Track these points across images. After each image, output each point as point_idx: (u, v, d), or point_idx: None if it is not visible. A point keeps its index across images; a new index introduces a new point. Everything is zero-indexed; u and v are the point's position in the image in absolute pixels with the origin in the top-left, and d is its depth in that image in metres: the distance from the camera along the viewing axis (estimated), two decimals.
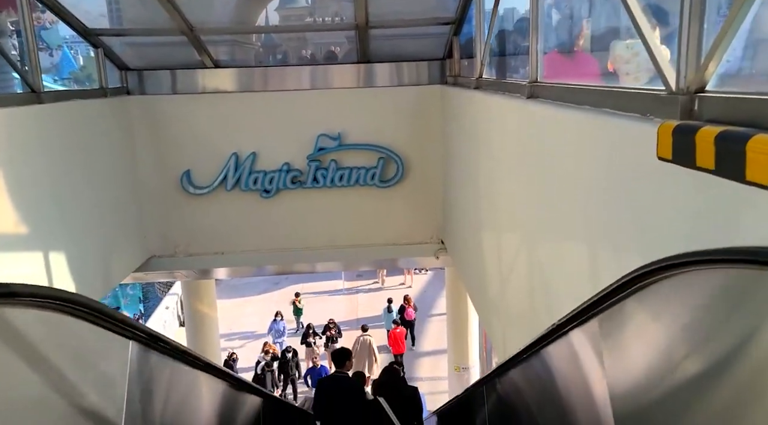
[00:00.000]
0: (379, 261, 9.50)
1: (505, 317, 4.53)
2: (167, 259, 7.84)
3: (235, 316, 18.86)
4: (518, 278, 4.03)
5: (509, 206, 4.13)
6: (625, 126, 2.54)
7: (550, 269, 3.30)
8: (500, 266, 4.54)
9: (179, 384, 2.82)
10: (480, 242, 5.29)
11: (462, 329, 11.77)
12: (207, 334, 11.83)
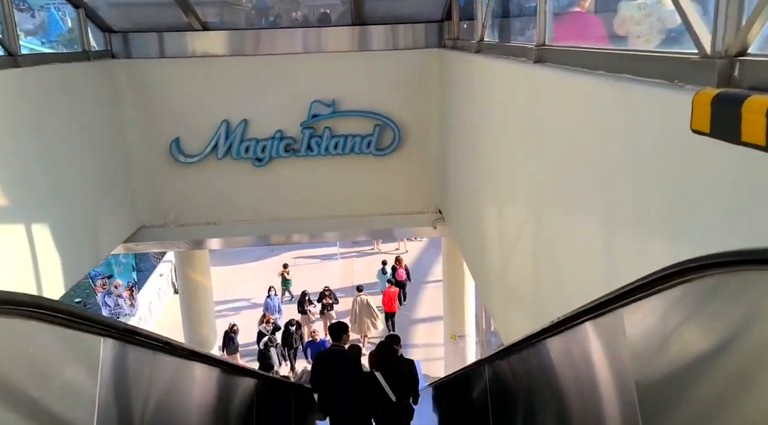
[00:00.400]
0: (375, 231, 9.28)
1: (506, 293, 4.34)
2: (157, 229, 7.59)
3: (229, 283, 18.70)
4: (522, 255, 3.82)
5: (514, 178, 3.89)
6: (651, 94, 2.28)
7: (558, 247, 3.08)
8: (502, 241, 4.32)
9: (163, 377, 2.61)
10: (480, 214, 5.06)
11: (458, 297, 11.64)
12: (201, 303, 11.66)
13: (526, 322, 3.86)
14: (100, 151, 6.62)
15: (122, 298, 13.79)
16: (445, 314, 12.15)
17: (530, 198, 3.57)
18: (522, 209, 3.78)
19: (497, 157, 4.40)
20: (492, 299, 4.83)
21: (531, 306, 3.69)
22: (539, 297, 3.49)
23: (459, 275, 11.44)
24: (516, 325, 4.13)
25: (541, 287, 3.47)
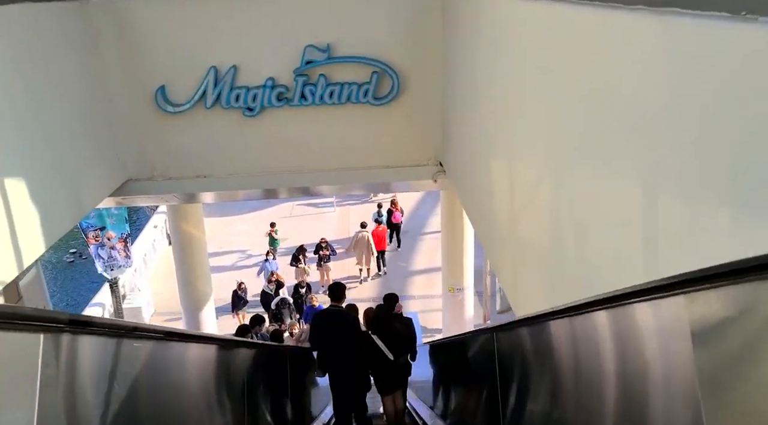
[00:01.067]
0: (372, 185, 8.87)
1: (516, 255, 4.00)
2: (145, 182, 7.19)
3: (225, 235, 18.42)
4: (537, 216, 3.45)
5: (529, 130, 3.48)
6: (708, 30, 1.87)
7: (583, 210, 2.71)
8: (513, 199, 3.95)
9: (135, 363, 2.28)
10: (487, 169, 4.67)
11: (456, 250, 11.38)
12: (195, 256, 11.38)
13: (540, 287, 3.54)
14: (80, 99, 6.15)
15: (116, 250, 13.44)
16: (443, 267, 11.91)
17: (549, 154, 3.18)
18: (538, 166, 3.39)
19: (509, 106, 3.98)
20: (499, 261, 4.50)
21: (547, 272, 3.35)
22: (558, 264, 3.15)
23: (458, 227, 11.14)
24: (527, 289, 3.81)
25: (559, 253, 3.12)
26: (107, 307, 14.08)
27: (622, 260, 2.33)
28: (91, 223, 13.28)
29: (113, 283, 13.69)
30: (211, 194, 8.38)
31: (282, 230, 18.29)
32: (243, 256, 17.24)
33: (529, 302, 3.73)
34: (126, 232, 13.80)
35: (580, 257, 2.80)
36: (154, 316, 15.01)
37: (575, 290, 2.91)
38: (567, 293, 3.05)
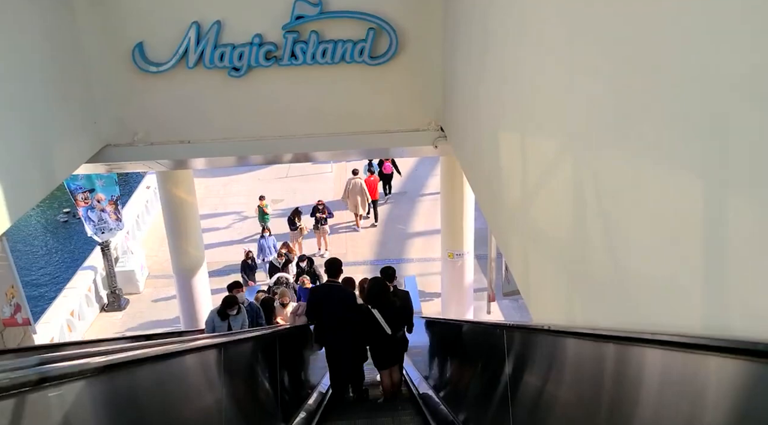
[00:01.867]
0: (368, 151, 8.32)
1: (527, 241, 3.51)
2: (125, 148, 6.64)
3: (220, 196, 17.93)
4: (555, 202, 2.94)
5: (551, 100, 2.93)
6: None
7: (620, 204, 2.21)
8: (526, 177, 3.43)
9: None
10: (495, 139, 4.14)
11: (456, 215, 10.90)
12: (186, 222, 10.89)
13: (557, 285, 3.07)
14: (49, 58, 5.56)
15: (106, 213, 12.96)
16: (443, 231, 11.45)
17: (574, 131, 2.66)
18: (559, 144, 2.86)
19: (525, 69, 3.42)
20: (507, 243, 4.02)
21: (566, 270, 2.87)
22: (579, 263, 2.66)
23: (458, 192, 10.64)
24: (543, 285, 3.34)
25: (583, 250, 2.62)
26: (99, 271, 13.70)
27: (667, 274, 1.84)
28: (79, 185, 12.77)
29: (104, 246, 13.27)
30: (195, 161, 7.84)
31: (278, 192, 17.79)
32: (238, 217, 16.77)
33: (545, 302, 3.27)
34: (116, 194, 13.30)
35: (610, 260, 2.31)
36: (148, 279, 14.64)
37: (603, 299, 2.44)
38: (592, 299, 2.59)
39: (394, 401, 7.04)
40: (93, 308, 13.38)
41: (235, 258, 14.96)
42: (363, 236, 15.68)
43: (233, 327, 7.51)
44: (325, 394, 7.32)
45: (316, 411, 6.39)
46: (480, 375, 4.21)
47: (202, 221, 16.47)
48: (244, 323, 7.61)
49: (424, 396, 6.69)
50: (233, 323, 7.55)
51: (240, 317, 7.60)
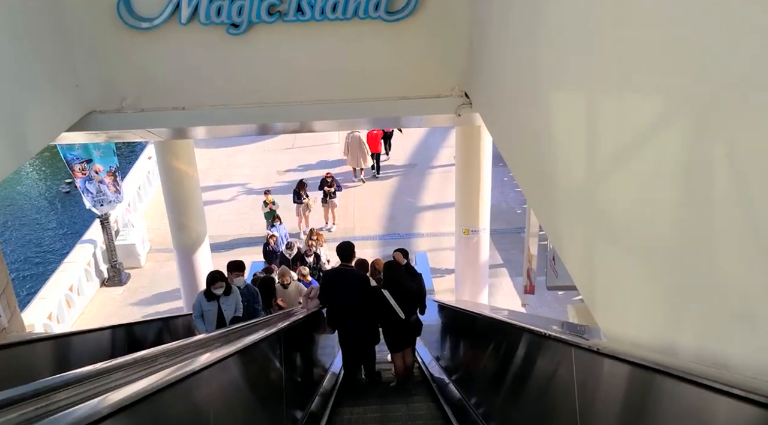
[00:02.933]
0: (383, 120, 7.42)
1: (595, 227, 2.73)
2: (112, 115, 5.84)
3: (224, 168, 17.16)
4: (654, 178, 2.17)
5: (653, 41, 2.12)
6: None
7: (731, 190, 1.46)
8: (598, 147, 2.64)
9: None
10: (546, 101, 3.33)
11: (472, 189, 10.14)
12: (187, 195, 10.15)
13: (643, 286, 2.32)
14: (22, 11, 4.74)
15: (104, 184, 12.22)
16: (457, 206, 10.70)
17: (693, 81, 1.87)
18: (666, 101, 2.07)
19: (588, 15, 2.62)
20: (560, 231, 3.25)
21: (664, 273, 2.11)
22: (691, 264, 1.91)
23: (474, 164, 9.85)
24: (614, 281, 2.59)
25: (697, 246, 1.88)
26: (98, 244, 13.03)
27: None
28: (76, 155, 12.02)
29: (104, 219, 12.58)
30: (192, 130, 7.03)
31: (284, 163, 17.00)
32: (243, 190, 16.02)
33: (621, 312, 2.53)
34: (115, 165, 12.54)
35: (743, 270, 1.57)
36: (150, 253, 13.98)
37: (724, 325, 1.69)
38: (704, 321, 1.86)
39: (407, 384, 6.92)
40: (93, 283, 12.76)
41: (240, 232, 14.29)
42: (370, 207, 14.92)
43: (225, 311, 6.45)
44: (338, 376, 7.17)
45: (330, 394, 6.29)
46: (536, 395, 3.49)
47: (205, 193, 15.75)
48: (237, 306, 6.53)
49: (438, 380, 6.50)
50: (224, 306, 6.47)
51: (232, 298, 6.51)
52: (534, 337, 3.28)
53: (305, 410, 5.18)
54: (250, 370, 3.66)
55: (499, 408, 4.03)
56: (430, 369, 7.22)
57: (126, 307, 12.28)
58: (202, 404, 2.67)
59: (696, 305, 1.94)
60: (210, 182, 16.25)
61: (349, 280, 6.38)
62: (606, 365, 2.28)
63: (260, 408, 3.81)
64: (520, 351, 3.58)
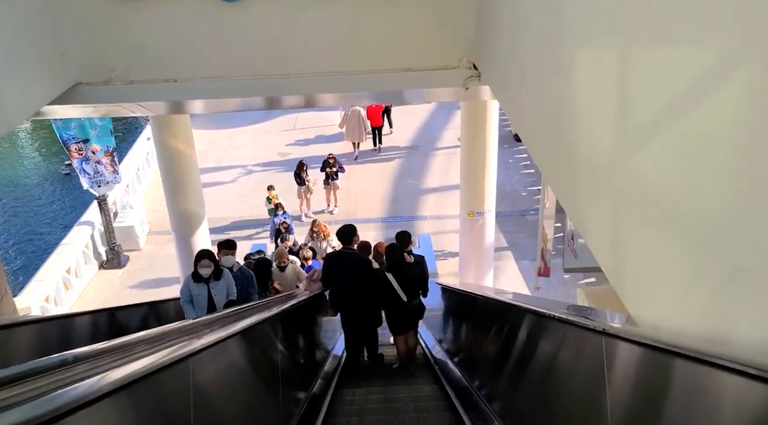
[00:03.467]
0: (386, 94, 7.01)
1: (625, 204, 2.39)
2: (100, 87, 5.48)
3: (224, 149, 16.79)
4: (679, 146, 1.82)
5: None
6: None
7: None
8: (631, 114, 2.29)
9: None
10: (570, 64, 2.97)
11: (478, 168, 9.78)
12: (184, 174, 9.80)
13: (687, 271, 1.98)
14: None
15: (102, 165, 11.88)
16: (462, 187, 10.34)
17: (723, 34, 1.51)
18: (690, 59, 1.72)
19: None
20: (583, 207, 2.91)
21: (716, 257, 1.77)
22: (756, 248, 1.57)
23: (480, 143, 9.49)
24: (649, 266, 2.26)
25: (727, 223, 1.54)
26: (96, 226, 12.72)
27: None
28: (72, 135, 11.67)
29: (101, 200, 12.26)
30: (186, 105, 6.65)
31: (286, 144, 16.61)
32: (243, 171, 15.67)
33: (657, 299, 2.20)
34: (112, 146, 12.19)
35: None
36: (149, 235, 13.68)
37: None
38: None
39: (409, 366, 6.88)
40: (91, 266, 12.48)
41: (240, 214, 13.97)
42: (372, 189, 14.57)
43: (215, 296, 5.87)
44: (340, 358, 7.06)
45: (333, 376, 6.16)
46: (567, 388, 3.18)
47: (205, 175, 15.39)
48: (230, 290, 5.97)
49: (440, 362, 6.36)
50: (215, 290, 5.88)
51: (223, 283, 5.94)
52: (536, 318, 3.16)
53: (308, 391, 5.00)
54: (246, 354, 3.37)
55: (502, 390, 3.92)
56: (433, 352, 7.08)
57: (125, 290, 12.00)
58: (192, 388, 2.40)
59: (755, 290, 1.61)
60: (210, 163, 15.90)
61: (352, 263, 6.29)
62: (611, 346, 2.21)
63: (258, 391, 3.59)
64: (521, 333, 3.48)
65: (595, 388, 2.32)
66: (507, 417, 3.75)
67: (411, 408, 5.07)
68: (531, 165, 15.19)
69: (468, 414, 4.44)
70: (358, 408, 5.32)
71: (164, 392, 2.17)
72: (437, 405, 5.21)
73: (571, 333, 2.64)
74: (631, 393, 2.10)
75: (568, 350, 2.77)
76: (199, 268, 5.89)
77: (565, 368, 2.79)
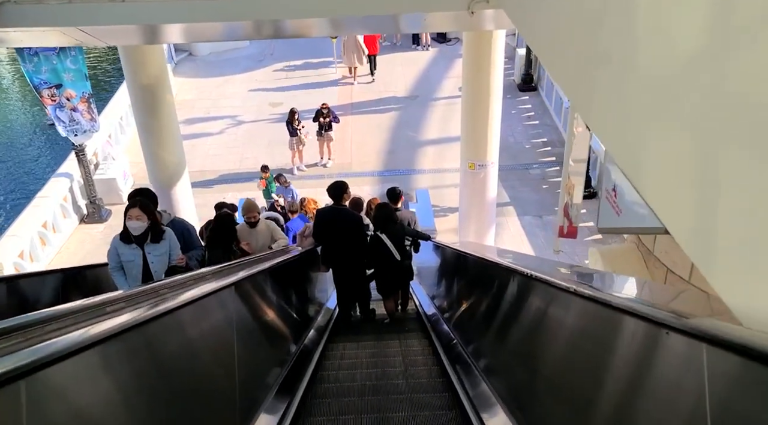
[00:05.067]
0: (380, 21, 5.81)
1: (698, 135, 1.45)
2: (30, 7, 4.43)
3: (214, 98, 15.66)
4: None
5: None
6: None
7: None
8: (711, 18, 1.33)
9: None
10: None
11: (480, 117, 8.80)
12: (161, 121, 8.78)
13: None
14: None
15: (78, 112, 10.83)
16: (463, 138, 9.37)
17: None
18: None
19: None
20: (631, 143, 1.96)
21: None
22: None
23: (484, 88, 8.49)
24: (740, 221, 1.31)
25: None
26: (76, 178, 11.76)
27: None
28: (43, 79, 10.53)
29: (79, 151, 11.25)
30: (137, 32, 5.49)
31: (277, 96, 15.49)
32: (233, 122, 14.59)
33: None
34: (88, 91, 11.08)
35: None
36: (133, 187, 12.71)
37: None
38: None
39: (402, 322, 6.71)
40: (71, 220, 11.56)
41: (229, 167, 13.01)
42: (368, 141, 13.55)
43: (152, 263, 4.34)
44: (333, 312, 6.89)
45: (325, 328, 5.98)
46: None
47: (193, 125, 14.40)
48: (172, 255, 4.46)
49: (432, 318, 6.09)
50: (151, 256, 4.35)
51: (163, 246, 4.40)
52: (519, 278, 3.03)
53: (299, 344, 4.71)
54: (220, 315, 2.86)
55: (486, 346, 3.89)
56: (425, 308, 6.80)
57: (106, 245, 11.11)
58: None
59: None
60: (198, 113, 14.83)
61: (342, 220, 6.04)
62: (581, 305, 2.14)
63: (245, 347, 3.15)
64: (506, 292, 3.34)
65: (573, 347, 2.26)
66: (490, 374, 3.62)
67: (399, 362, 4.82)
68: (535, 116, 14.14)
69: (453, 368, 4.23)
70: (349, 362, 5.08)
71: None
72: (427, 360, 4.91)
73: (546, 292, 2.54)
74: (598, 349, 2.01)
75: (544, 308, 2.65)
76: (128, 222, 4.29)
77: (542, 326, 2.69)
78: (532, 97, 14.81)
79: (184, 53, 17.59)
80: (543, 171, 12.45)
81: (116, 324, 1.70)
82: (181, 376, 2.19)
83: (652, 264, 6.20)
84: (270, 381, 3.51)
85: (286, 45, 17.45)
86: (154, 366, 1.99)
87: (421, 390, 4.01)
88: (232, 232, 5.45)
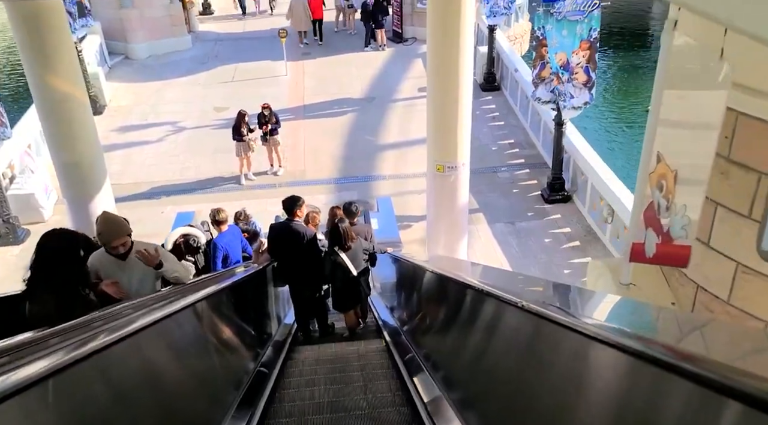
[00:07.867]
0: None
1: None
2: None
3: (152, 103, 13.92)
4: None
5: None
6: None
7: None
8: None
9: None
10: None
11: (449, 113, 7.51)
12: (72, 124, 7.12)
13: None
14: None
15: None
16: (430, 138, 8.04)
17: None
18: None
19: None
20: None
21: None
22: None
23: (452, 79, 7.21)
24: None
25: None
26: None
27: None
28: None
29: None
30: None
31: (223, 99, 13.89)
32: (173, 129, 12.90)
33: None
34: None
35: None
36: (57, 204, 10.89)
37: None
38: None
39: (361, 336, 6.52)
40: None
41: (169, 177, 11.33)
42: (322, 146, 12.09)
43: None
44: (291, 327, 6.66)
45: (283, 344, 5.80)
46: None
47: (128, 133, 12.65)
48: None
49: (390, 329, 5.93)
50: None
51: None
52: (473, 293, 2.94)
53: (256, 361, 4.66)
54: None
55: (442, 358, 3.92)
56: (384, 320, 6.55)
57: (22, 270, 9.29)
58: None
59: None
60: (134, 120, 13.11)
61: (293, 235, 5.86)
62: (530, 321, 2.07)
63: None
64: (459, 306, 3.32)
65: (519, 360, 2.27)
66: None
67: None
68: (500, 116, 12.96)
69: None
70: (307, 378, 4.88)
71: None
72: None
73: (496, 307, 2.51)
74: (543, 365, 1.99)
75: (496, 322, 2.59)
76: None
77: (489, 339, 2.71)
78: (495, 97, 13.67)
79: (120, 57, 15.79)
80: (512, 174, 11.26)
81: (52, 362, 1.59)
82: (131, 408, 2.08)
83: (676, 280, 4.93)
84: (228, 401, 3.46)
85: (232, 46, 15.89)
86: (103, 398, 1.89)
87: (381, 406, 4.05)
88: (73, 268, 3.06)
